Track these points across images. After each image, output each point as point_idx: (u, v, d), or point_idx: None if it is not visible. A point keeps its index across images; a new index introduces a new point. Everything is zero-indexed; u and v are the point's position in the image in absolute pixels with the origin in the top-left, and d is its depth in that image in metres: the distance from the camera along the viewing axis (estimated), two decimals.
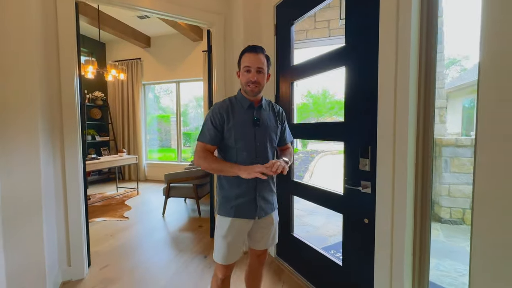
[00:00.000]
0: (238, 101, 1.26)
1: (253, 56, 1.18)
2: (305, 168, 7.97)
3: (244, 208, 1.22)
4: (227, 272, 1.28)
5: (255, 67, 1.17)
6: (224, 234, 1.22)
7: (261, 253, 1.39)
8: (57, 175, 1.84)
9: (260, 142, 1.23)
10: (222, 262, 1.23)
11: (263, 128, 1.25)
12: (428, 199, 1.22)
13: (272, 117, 1.31)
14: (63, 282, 1.89)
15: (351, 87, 1.45)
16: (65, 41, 1.82)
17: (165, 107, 7.28)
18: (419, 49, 1.17)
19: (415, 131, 1.20)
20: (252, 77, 1.17)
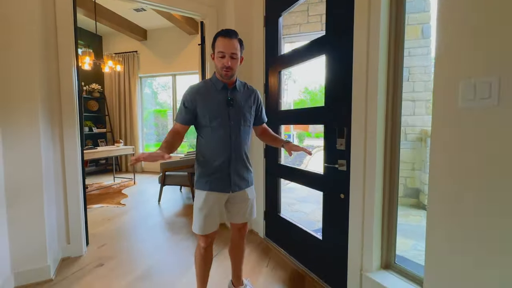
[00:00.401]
0: (213, 83, 1.33)
1: (227, 41, 1.22)
2: (300, 162, 8.12)
3: (218, 182, 1.30)
4: (207, 241, 1.35)
5: (229, 53, 1.22)
6: (200, 206, 1.30)
7: (241, 226, 1.47)
8: (57, 158, 1.95)
9: (234, 121, 1.30)
10: (199, 232, 1.31)
11: (237, 108, 1.31)
12: (395, 175, 1.35)
13: (247, 97, 1.37)
14: (63, 259, 2.01)
15: (330, 73, 1.56)
16: (63, 30, 1.91)
17: (163, 102, 7.34)
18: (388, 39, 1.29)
19: (384, 113, 1.32)
20: (226, 63, 1.23)
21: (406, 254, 2.25)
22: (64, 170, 1.99)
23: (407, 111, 3.57)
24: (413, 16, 3.49)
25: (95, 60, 3.80)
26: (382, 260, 1.39)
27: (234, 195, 1.37)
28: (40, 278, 1.72)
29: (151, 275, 1.81)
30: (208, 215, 1.30)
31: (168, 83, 6.60)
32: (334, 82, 1.54)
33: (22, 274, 1.67)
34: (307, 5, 4.11)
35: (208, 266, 1.43)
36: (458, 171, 0.96)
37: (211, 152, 1.30)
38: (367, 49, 1.31)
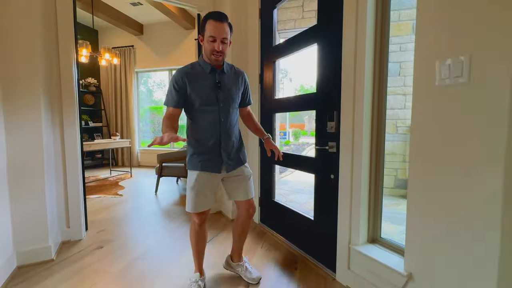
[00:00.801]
0: (201, 66, 1.32)
1: (218, 25, 1.21)
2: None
3: (209, 162, 1.34)
4: (201, 219, 1.39)
5: (220, 37, 1.21)
6: (192, 185, 1.34)
7: (249, 207, 1.48)
8: (57, 145, 2.00)
9: (223, 103, 1.33)
10: (191, 210, 1.35)
11: (226, 91, 1.34)
12: (381, 155, 1.44)
13: (235, 80, 1.39)
14: (63, 242, 2.06)
15: (322, 61, 1.65)
16: (63, 19, 1.95)
17: (158, 100, 7.34)
18: (375, 28, 1.38)
19: (371, 97, 1.41)
20: (217, 47, 1.22)
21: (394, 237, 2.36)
22: (64, 156, 2.04)
23: (398, 105, 3.68)
24: (404, 12, 3.60)
25: (92, 52, 3.82)
26: (368, 235, 1.48)
27: (229, 174, 1.41)
28: (42, 258, 1.77)
29: (148, 256, 1.88)
30: (199, 193, 1.33)
31: (163, 80, 6.63)
32: (325, 69, 1.63)
33: (24, 253, 1.72)
34: (302, 0, 4.19)
35: (203, 242, 1.48)
36: (435, 146, 1.06)
37: (201, 134, 1.34)
38: (355, 38, 1.39)
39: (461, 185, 0.98)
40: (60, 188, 2.03)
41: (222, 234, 2.24)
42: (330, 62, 1.59)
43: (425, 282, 1.13)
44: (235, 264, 1.59)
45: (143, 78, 6.44)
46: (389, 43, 1.40)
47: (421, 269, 1.15)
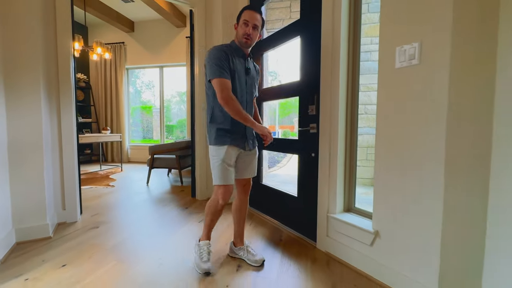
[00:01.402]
0: (234, 49, 1.42)
1: (252, 13, 1.36)
2: (284, 155, 8.41)
3: (237, 139, 1.44)
4: (227, 196, 1.42)
5: (252, 23, 1.35)
6: (222, 158, 1.39)
7: (246, 182, 1.59)
8: (54, 129, 2.08)
9: (249, 88, 1.46)
10: (223, 182, 1.39)
11: (251, 78, 1.47)
12: (355, 135, 1.63)
13: (255, 71, 1.54)
14: (59, 223, 2.14)
15: (304, 52, 1.83)
16: (61, 12, 2.06)
17: (147, 101, 7.21)
18: (348, 23, 1.57)
19: (346, 81, 1.60)
20: (248, 30, 1.35)
21: None
22: (60, 140, 2.12)
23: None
24: None
25: (84, 46, 3.88)
26: (344, 205, 1.67)
27: (246, 153, 1.51)
28: (40, 235, 1.86)
29: (142, 234, 1.99)
30: (229, 165, 1.41)
31: (152, 81, 6.62)
32: (307, 59, 1.82)
33: (23, 230, 1.80)
34: (290, 1, 4.41)
35: (217, 220, 1.55)
36: (394, 118, 1.26)
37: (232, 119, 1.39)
38: (332, 32, 1.59)
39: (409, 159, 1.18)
40: (56, 171, 2.12)
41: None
42: (311, 52, 1.78)
43: (387, 237, 1.32)
44: (237, 248, 1.63)
45: (131, 78, 6.44)
46: (360, 37, 1.60)
47: (384, 228, 1.34)
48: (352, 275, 1.45)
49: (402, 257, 1.26)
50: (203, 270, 1.42)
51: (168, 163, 3.72)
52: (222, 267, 1.53)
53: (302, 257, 1.65)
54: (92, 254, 1.66)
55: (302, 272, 1.47)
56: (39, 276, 1.41)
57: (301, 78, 1.87)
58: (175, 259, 1.61)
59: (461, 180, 1.08)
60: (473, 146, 1.07)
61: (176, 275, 1.43)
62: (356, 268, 1.49)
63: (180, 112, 7.00)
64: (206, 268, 1.42)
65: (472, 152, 1.07)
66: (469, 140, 1.07)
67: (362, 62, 3.19)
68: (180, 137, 6.78)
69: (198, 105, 2.83)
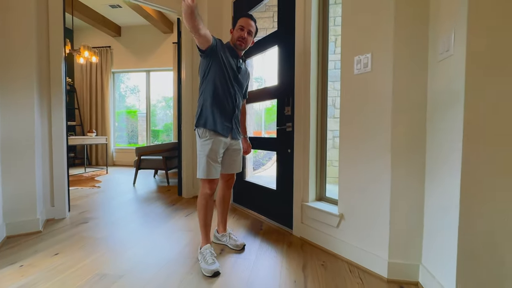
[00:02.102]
0: (228, 47, 1.58)
1: (248, 20, 1.55)
2: (269, 158, 8.65)
3: (224, 127, 1.52)
4: (213, 187, 1.52)
5: (247, 28, 1.53)
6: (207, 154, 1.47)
7: (229, 177, 1.72)
8: (44, 127, 2.17)
9: (238, 85, 1.58)
10: (208, 177, 1.48)
11: (242, 76, 1.61)
12: (324, 133, 1.86)
13: (246, 72, 1.68)
14: (47, 220, 2.21)
15: (281, 59, 2.06)
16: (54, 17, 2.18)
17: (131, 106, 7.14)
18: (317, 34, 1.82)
19: (316, 86, 1.83)
20: (243, 34, 1.52)
21: None
22: (50, 138, 2.21)
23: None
24: None
25: (72, 50, 3.94)
26: (316, 195, 1.88)
27: (232, 144, 1.60)
28: (30, 229, 1.93)
29: (130, 229, 2.10)
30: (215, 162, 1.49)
31: (137, 86, 6.63)
32: (283, 65, 2.04)
33: (13, 225, 1.87)
34: (273, 12, 4.69)
35: (211, 214, 1.58)
36: (354, 116, 1.49)
37: (222, 101, 1.51)
38: (304, 41, 1.82)
39: (365, 150, 1.41)
40: (46, 169, 2.19)
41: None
42: (286, 60, 2.00)
43: (350, 218, 1.53)
44: (220, 235, 1.78)
45: (117, 82, 6.44)
46: (328, 47, 1.84)
47: (348, 211, 1.55)
48: (322, 254, 1.65)
49: (361, 234, 1.48)
50: (212, 272, 1.38)
51: (154, 164, 3.82)
52: None
53: (279, 242, 1.83)
54: (83, 245, 1.76)
55: (278, 254, 1.66)
56: (33, 263, 1.50)
57: (279, 83, 2.09)
58: (163, 247, 1.75)
59: (403, 165, 1.32)
60: (412, 137, 1.31)
61: (163, 261, 1.57)
62: (325, 248, 1.69)
63: (165, 117, 6.98)
64: (214, 269, 1.39)
65: (411, 142, 1.31)
66: (408, 133, 1.31)
67: (336, 70, 3.47)
68: (166, 141, 6.80)
69: (185, 108, 2.99)
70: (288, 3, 1.98)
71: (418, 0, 1.27)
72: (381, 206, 1.37)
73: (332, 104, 3.78)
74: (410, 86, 1.30)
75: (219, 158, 1.53)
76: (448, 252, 1.09)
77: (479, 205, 1.02)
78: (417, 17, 1.27)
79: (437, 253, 1.18)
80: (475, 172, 1.01)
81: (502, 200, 1.00)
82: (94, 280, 1.34)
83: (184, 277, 1.38)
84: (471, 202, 1.02)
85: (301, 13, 1.82)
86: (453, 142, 1.07)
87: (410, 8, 1.28)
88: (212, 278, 1.37)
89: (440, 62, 1.17)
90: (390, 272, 1.34)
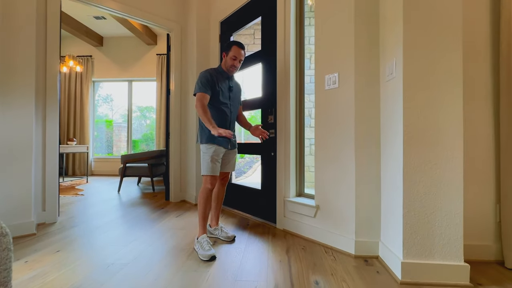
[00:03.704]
0: (220, 72, 1.85)
1: (240, 50, 1.81)
2: (250, 167, 8.90)
3: (223, 141, 1.80)
4: (214, 183, 1.77)
5: (239, 58, 1.81)
6: (212, 154, 1.75)
7: (225, 176, 1.97)
8: (38, 134, 2.25)
9: (233, 103, 1.88)
10: (211, 173, 1.73)
11: (234, 93, 1.89)
12: (302, 137, 2.17)
13: (238, 88, 1.97)
14: (38, 224, 2.25)
15: (264, 75, 2.37)
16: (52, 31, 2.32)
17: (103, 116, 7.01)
18: (295, 56, 2.16)
19: (295, 98, 2.16)
20: (236, 64, 1.82)
21: None
22: (44, 144, 2.29)
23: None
24: None
25: None
26: (296, 191, 2.16)
27: (229, 151, 1.89)
28: (25, 232, 1.99)
29: (119, 231, 2.23)
30: (216, 160, 1.76)
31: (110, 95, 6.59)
32: (267, 80, 2.35)
33: (8, 227, 1.92)
34: (253, 30, 5.09)
35: (210, 207, 1.83)
36: (326, 123, 1.82)
37: (219, 120, 1.81)
38: (284, 59, 2.15)
39: (334, 148, 1.74)
40: (39, 173, 2.26)
41: (188, 212, 2.69)
42: (269, 75, 2.32)
43: (325, 208, 1.83)
44: (213, 228, 1.98)
45: (97, 91, 6.36)
46: (304, 64, 2.19)
47: (322, 202, 1.85)
48: (302, 241, 1.92)
49: (334, 221, 1.78)
50: (209, 256, 1.59)
51: (140, 172, 3.90)
52: None
53: (265, 234, 2.08)
54: (81, 243, 1.87)
55: (265, 243, 1.90)
56: (37, 259, 1.60)
57: (263, 95, 2.39)
58: (160, 241, 1.91)
59: (364, 157, 1.65)
60: (370, 137, 1.66)
61: (163, 251, 1.74)
62: (305, 236, 1.97)
63: (140, 127, 6.90)
64: (211, 254, 1.59)
65: (369, 141, 1.65)
66: (367, 134, 1.66)
67: (311, 84, 3.89)
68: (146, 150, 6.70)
69: (173, 117, 3.18)
70: (270, 27, 2.32)
71: (371, 32, 1.65)
72: (347, 193, 1.69)
73: (308, 115, 4.17)
74: (367, 99, 1.65)
75: (219, 159, 1.79)
76: (397, 227, 1.42)
77: (416, 188, 1.36)
78: (371, 46, 1.65)
79: (390, 230, 1.51)
80: (412, 162, 1.36)
81: (430, 184, 1.35)
82: (102, 269, 1.49)
83: (185, 262, 1.57)
84: (410, 185, 1.36)
85: (281, 35, 2.17)
86: (397, 139, 1.42)
87: (366, 39, 1.65)
88: (210, 262, 1.58)
89: (387, 82, 1.54)
90: (357, 249, 1.65)
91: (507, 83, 1.51)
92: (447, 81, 1.35)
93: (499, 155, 1.59)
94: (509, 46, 1.50)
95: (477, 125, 1.62)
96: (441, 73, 1.35)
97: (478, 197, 1.61)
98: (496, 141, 1.60)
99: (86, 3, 2.59)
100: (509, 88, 1.50)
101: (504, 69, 1.52)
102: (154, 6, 3.04)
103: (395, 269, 1.40)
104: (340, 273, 1.46)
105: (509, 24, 1.50)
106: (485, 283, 1.36)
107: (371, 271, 1.48)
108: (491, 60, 1.60)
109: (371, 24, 1.65)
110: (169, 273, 1.44)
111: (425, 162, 1.36)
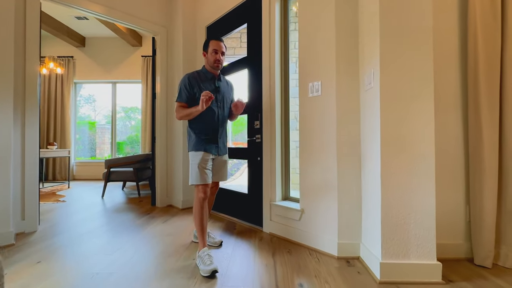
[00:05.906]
0: (203, 73, 1.77)
1: (219, 43, 1.74)
2: (237, 169, 8.91)
3: (211, 147, 1.75)
4: (206, 191, 1.68)
5: (220, 51, 1.73)
6: (199, 162, 1.68)
7: (214, 185, 1.94)
8: (17, 141, 2.17)
9: (221, 103, 1.78)
10: (200, 182, 1.65)
11: (222, 94, 1.80)
12: (288, 142, 2.23)
13: (229, 88, 1.88)
14: (17, 233, 2.17)
15: (250, 80, 2.41)
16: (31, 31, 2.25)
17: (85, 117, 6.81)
18: (280, 62, 2.22)
19: (280, 103, 2.21)
20: (218, 57, 1.72)
21: None
22: (23, 151, 2.22)
23: None
24: None
25: None
26: (282, 195, 2.22)
27: (218, 158, 1.82)
28: (3, 242, 1.92)
29: (104, 238, 2.19)
30: (204, 167, 1.69)
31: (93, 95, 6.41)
32: (252, 85, 2.39)
33: None
34: (240, 34, 5.12)
35: (207, 218, 1.72)
36: (310, 129, 1.88)
37: (205, 126, 1.72)
38: (269, 65, 2.20)
39: (318, 154, 1.81)
40: (17, 181, 2.18)
41: (174, 218, 2.68)
42: (255, 81, 2.37)
43: (309, 211, 1.89)
44: None
45: (79, 93, 6.16)
46: (289, 69, 2.25)
47: (307, 205, 1.91)
48: (288, 244, 1.97)
49: (318, 224, 1.84)
50: (210, 271, 1.48)
51: (125, 176, 3.82)
52: (188, 249, 1.89)
53: (251, 238, 2.11)
54: (64, 252, 1.83)
55: (251, 247, 1.93)
56: (17, 271, 1.55)
57: (249, 100, 2.43)
58: (147, 248, 1.90)
59: (346, 161, 1.73)
60: (350, 142, 1.73)
61: (150, 257, 1.74)
62: (290, 239, 2.02)
63: (125, 129, 6.70)
64: (211, 269, 1.48)
65: (350, 146, 1.73)
66: (348, 140, 1.73)
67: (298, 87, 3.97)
68: (131, 154, 6.58)
69: (159, 120, 3.15)
70: (255, 33, 2.37)
71: (352, 44, 1.73)
72: (330, 197, 1.76)
73: (295, 118, 4.26)
74: (348, 107, 1.73)
75: (208, 166, 1.73)
76: (375, 229, 1.50)
77: (393, 191, 1.44)
78: (352, 56, 1.73)
79: (369, 232, 1.59)
80: (389, 167, 1.44)
81: (406, 188, 1.44)
82: (87, 279, 1.47)
83: (172, 269, 1.58)
84: (387, 188, 1.44)
85: (266, 41, 2.22)
86: (375, 146, 1.50)
87: (347, 50, 1.73)
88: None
89: (366, 91, 1.62)
90: (340, 251, 1.72)
91: (474, 93, 1.63)
92: (420, 91, 1.44)
93: (468, 160, 1.71)
94: (475, 59, 1.62)
95: (448, 132, 1.73)
96: (415, 84, 1.44)
97: (450, 199, 1.73)
98: (465, 147, 1.72)
99: (69, 6, 2.54)
100: (476, 98, 1.62)
101: (471, 80, 1.64)
102: (140, 9, 3.01)
103: (374, 269, 1.48)
104: (323, 274, 1.52)
105: (475, 38, 1.62)
106: (456, 279, 1.46)
107: (353, 272, 1.55)
108: (460, 70, 1.72)
109: (352, 36, 1.73)
110: (156, 281, 1.45)
111: (401, 167, 1.44)
